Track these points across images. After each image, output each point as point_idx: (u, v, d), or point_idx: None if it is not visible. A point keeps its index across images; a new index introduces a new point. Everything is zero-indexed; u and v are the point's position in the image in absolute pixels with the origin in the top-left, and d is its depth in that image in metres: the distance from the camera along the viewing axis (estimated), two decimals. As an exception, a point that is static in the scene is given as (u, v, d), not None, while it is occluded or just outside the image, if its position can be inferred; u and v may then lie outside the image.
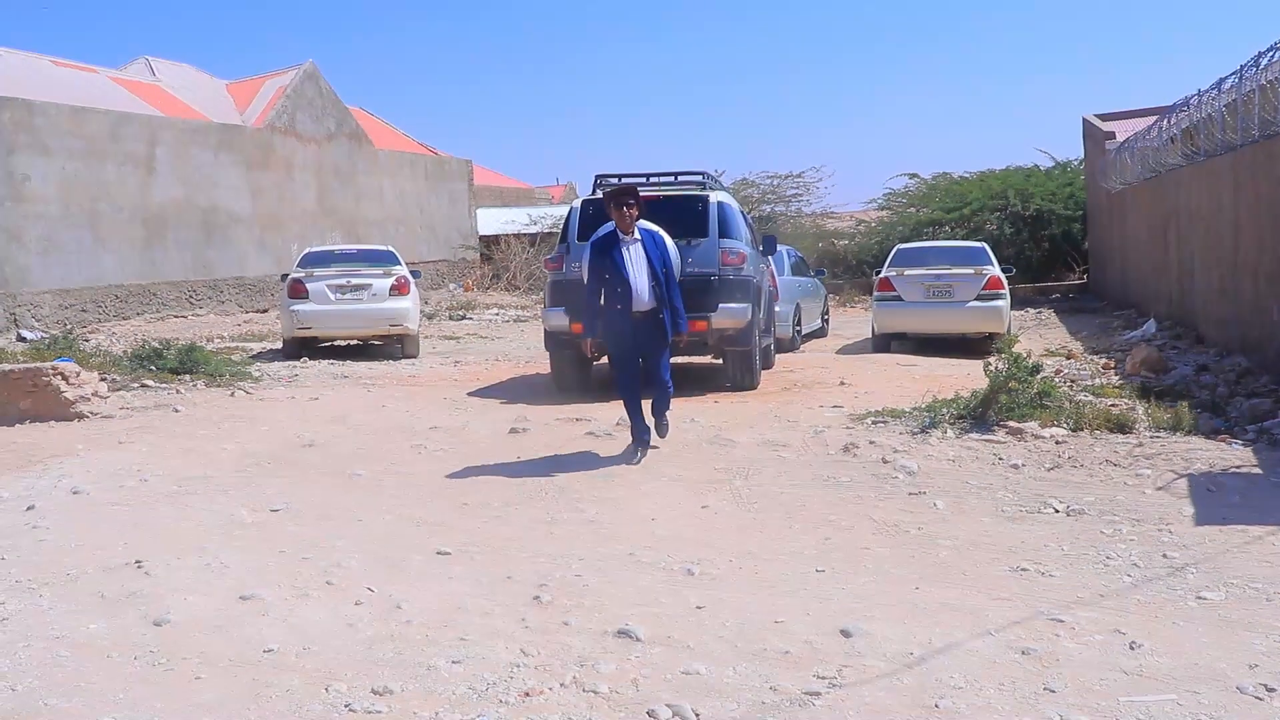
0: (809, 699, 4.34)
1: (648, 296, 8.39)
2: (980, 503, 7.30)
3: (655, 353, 8.60)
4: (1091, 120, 27.16)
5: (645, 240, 8.44)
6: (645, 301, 8.39)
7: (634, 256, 8.38)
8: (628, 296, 8.33)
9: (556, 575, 5.99)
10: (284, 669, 4.76)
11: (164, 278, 24.33)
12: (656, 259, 8.42)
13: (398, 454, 9.37)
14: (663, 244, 8.60)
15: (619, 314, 8.38)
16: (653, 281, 8.38)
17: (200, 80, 30.07)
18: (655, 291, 8.40)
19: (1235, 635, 4.88)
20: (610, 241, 8.45)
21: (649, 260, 8.39)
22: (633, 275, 8.34)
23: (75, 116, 22.30)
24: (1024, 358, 9.78)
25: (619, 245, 8.38)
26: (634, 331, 8.45)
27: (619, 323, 8.40)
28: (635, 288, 8.35)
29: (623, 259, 8.34)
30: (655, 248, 8.47)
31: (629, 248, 8.38)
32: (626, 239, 8.40)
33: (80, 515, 7.35)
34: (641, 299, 8.37)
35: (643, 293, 8.37)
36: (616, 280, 8.35)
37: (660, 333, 8.51)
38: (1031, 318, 22.10)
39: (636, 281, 8.35)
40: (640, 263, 8.39)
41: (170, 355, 14.21)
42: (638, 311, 8.38)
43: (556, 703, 4.39)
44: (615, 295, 8.36)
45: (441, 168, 35.87)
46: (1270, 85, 11.33)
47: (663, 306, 8.44)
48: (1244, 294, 12.32)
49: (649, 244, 8.44)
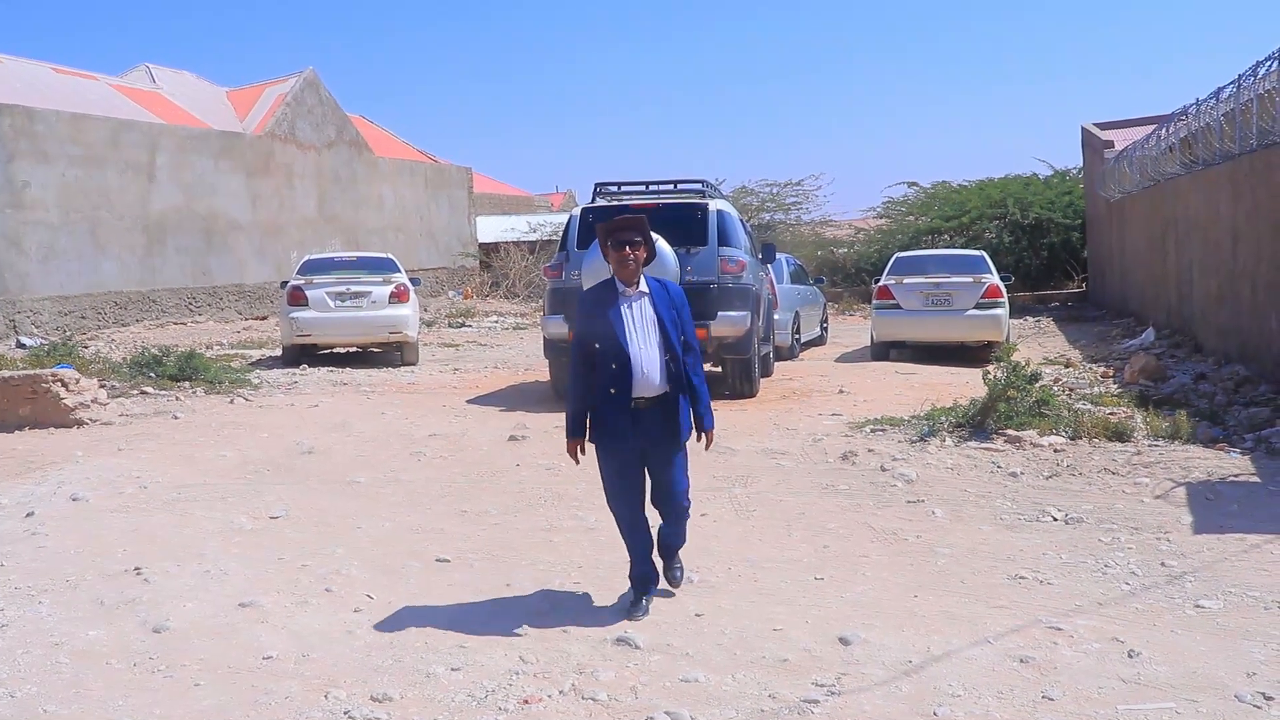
0: (808, 706, 4.35)
1: (658, 377, 5.54)
2: (978, 511, 7.30)
3: (666, 459, 5.63)
4: (1090, 129, 27.20)
5: (655, 295, 5.62)
6: (653, 383, 5.53)
7: (638, 318, 5.58)
8: (626, 376, 5.50)
9: (555, 582, 6.00)
10: (283, 676, 4.76)
11: (164, 284, 24.32)
12: (670, 321, 5.59)
13: (397, 461, 9.37)
14: (681, 300, 5.72)
15: (614, 403, 5.53)
16: (666, 355, 5.56)
17: (200, 87, 30.11)
18: (668, 369, 5.57)
19: (1233, 643, 4.89)
20: (605, 296, 5.64)
21: (661, 324, 5.56)
22: (635, 346, 5.51)
23: (75, 124, 22.32)
24: (1022, 366, 9.80)
25: (617, 303, 5.58)
26: (635, 427, 5.54)
27: (614, 416, 5.53)
28: (638, 364, 5.50)
29: (621, 322, 5.55)
30: (668, 306, 5.62)
31: (631, 306, 5.58)
32: (628, 293, 5.59)
33: (79, 522, 7.35)
34: (649, 380, 5.52)
35: (650, 371, 5.52)
36: (612, 353, 5.52)
37: (673, 429, 5.61)
38: (1030, 326, 22.12)
39: (640, 355, 5.51)
40: (647, 328, 5.57)
41: (170, 362, 14.22)
42: (642, 398, 5.53)
43: (555, 710, 4.40)
44: (609, 374, 5.53)
45: (441, 175, 35.92)
46: (1268, 95, 11.36)
47: (678, 390, 5.61)
48: (1242, 302, 12.34)
49: (660, 300, 5.61)
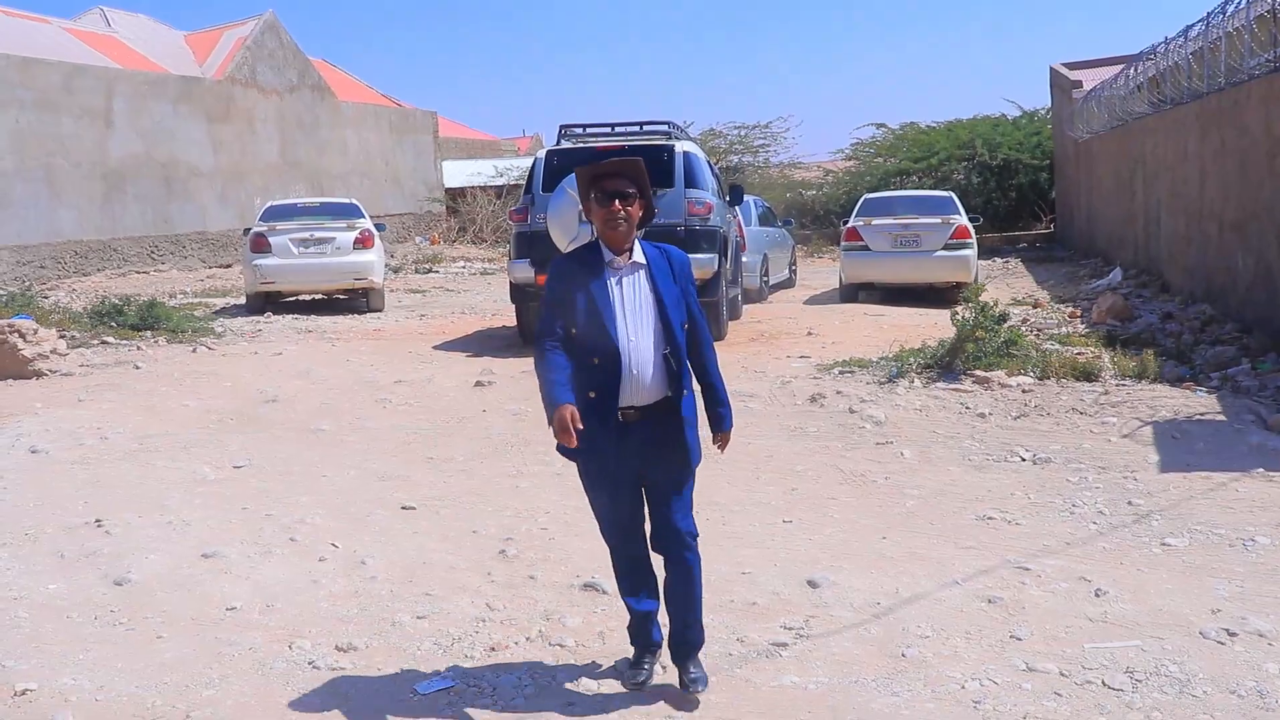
0: (776, 650, 4.34)
1: (655, 378, 4.00)
2: (947, 452, 7.31)
3: (666, 489, 4.06)
4: (1059, 69, 27.09)
5: (654, 266, 4.07)
6: (648, 387, 3.99)
7: (630, 298, 4.02)
8: (614, 375, 3.95)
9: (522, 529, 5.96)
10: (247, 627, 4.72)
11: (124, 233, 23.92)
12: (672, 302, 4.04)
13: (362, 409, 9.28)
14: (685, 272, 4.14)
15: (595, 411, 3.95)
16: (666, 347, 4.01)
17: (157, 31, 29.47)
18: (667, 367, 4.01)
19: (1198, 581, 4.92)
20: (585, 267, 4.05)
21: (660, 305, 4.02)
22: (624, 334, 3.96)
23: (26, 68, 21.76)
24: (991, 307, 9.79)
25: (603, 277, 4.01)
26: (622, 445, 4.00)
27: (593, 428, 3.94)
28: (629, 359, 3.95)
29: (610, 305, 3.98)
30: (669, 280, 4.07)
31: (621, 281, 4.03)
32: (618, 264, 4.02)
33: (39, 474, 7.24)
34: (641, 382, 3.98)
35: (644, 370, 3.97)
36: (592, 344, 3.97)
37: (677, 450, 4.04)
38: (999, 267, 22.16)
39: (632, 348, 3.96)
40: (641, 311, 4.02)
41: (131, 311, 14.01)
42: (632, 407, 3.99)
43: (523, 656, 4.37)
44: (589, 373, 3.97)
45: (406, 120, 35.42)
46: (1237, 33, 11.31)
47: (682, 394, 4.04)
48: (1209, 241, 12.37)
49: (659, 273, 4.06)
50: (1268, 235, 10.08)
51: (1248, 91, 10.78)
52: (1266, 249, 10.13)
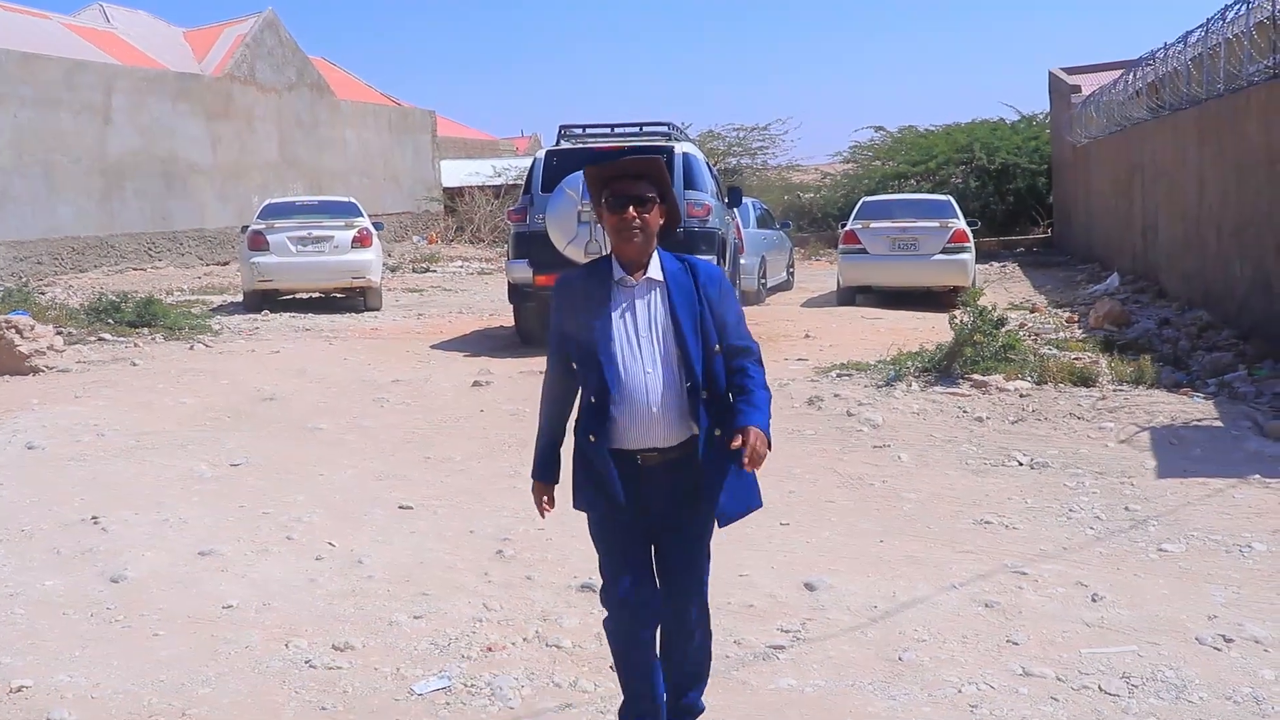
0: (773, 652, 4.34)
1: (671, 417, 3.37)
2: (944, 456, 7.31)
3: (682, 543, 3.51)
4: (1058, 74, 27.10)
5: (673, 283, 3.40)
6: (661, 427, 3.36)
7: (642, 324, 3.38)
8: (605, 416, 3.36)
9: (520, 529, 5.96)
10: (243, 625, 4.71)
11: (122, 229, 23.88)
12: (692, 326, 3.36)
13: (359, 408, 9.27)
14: (718, 288, 3.44)
15: (599, 452, 3.38)
16: (686, 380, 3.35)
17: (156, 27, 29.44)
18: (687, 402, 3.37)
19: (1195, 587, 4.93)
20: (591, 287, 3.43)
21: (678, 331, 3.35)
22: (627, 368, 3.34)
23: (26, 64, 21.74)
24: (989, 311, 9.79)
25: (609, 299, 3.39)
26: (633, 491, 3.40)
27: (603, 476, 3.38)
28: (639, 396, 3.33)
29: (607, 335, 3.35)
30: (690, 301, 3.39)
31: (633, 304, 3.39)
32: (630, 281, 3.39)
33: (36, 471, 7.22)
34: (651, 422, 3.35)
35: (655, 407, 3.33)
36: (588, 378, 3.39)
37: (696, 495, 3.44)
38: (996, 271, 22.16)
39: (637, 383, 3.33)
40: (655, 338, 3.37)
41: (128, 308, 13.99)
42: (648, 450, 3.38)
43: (519, 657, 4.37)
44: (586, 411, 3.42)
45: (405, 119, 35.39)
46: (1236, 39, 11.32)
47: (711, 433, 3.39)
48: (1207, 248, 12.38)
49: (679, 292, 3.39)
50: (1265, 242, 10.10)
51: (1247, 98, 10.80)
52: (1264, 256, 10.14)
